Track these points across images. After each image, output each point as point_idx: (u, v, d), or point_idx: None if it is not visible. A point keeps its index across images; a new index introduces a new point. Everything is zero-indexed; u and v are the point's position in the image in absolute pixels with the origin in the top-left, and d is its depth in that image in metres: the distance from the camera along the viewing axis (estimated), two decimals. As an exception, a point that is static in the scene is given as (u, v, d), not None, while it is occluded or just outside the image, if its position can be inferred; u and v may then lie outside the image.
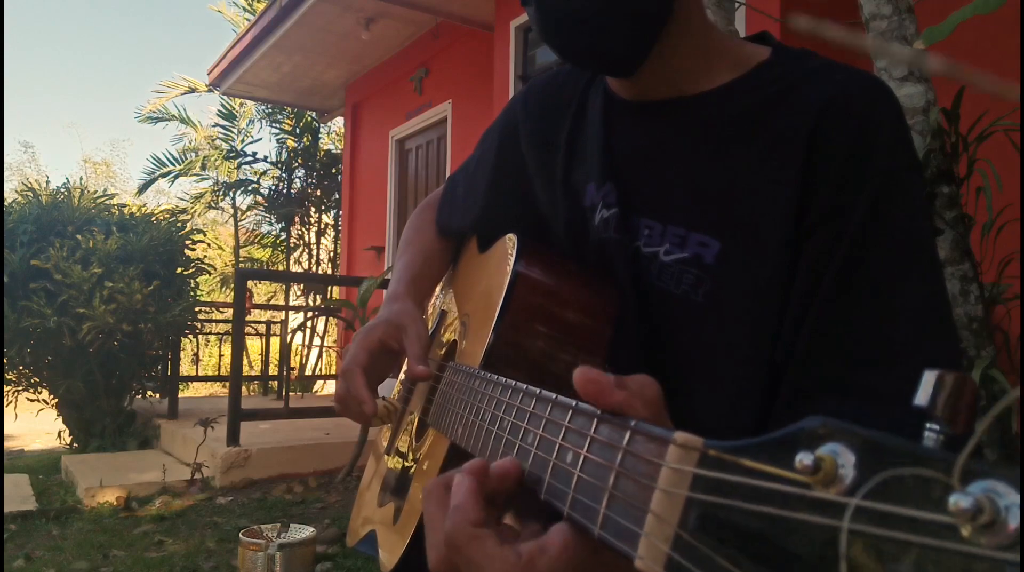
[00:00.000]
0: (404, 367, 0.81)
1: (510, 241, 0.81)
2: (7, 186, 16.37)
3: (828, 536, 0.26)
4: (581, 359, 0.73)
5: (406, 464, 0.91)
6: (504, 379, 0.58)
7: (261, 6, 8.33)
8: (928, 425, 0.27)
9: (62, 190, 5.70)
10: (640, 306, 0.74)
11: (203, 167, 9.74)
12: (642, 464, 0.36)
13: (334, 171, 9.41)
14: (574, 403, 0.45)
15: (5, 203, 5.46)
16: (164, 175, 9.81)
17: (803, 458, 0.27)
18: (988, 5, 1.00)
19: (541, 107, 0.91)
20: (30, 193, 5.57)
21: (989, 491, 0.22)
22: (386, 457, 1.02)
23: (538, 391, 0.51)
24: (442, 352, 0.95)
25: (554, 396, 0.48)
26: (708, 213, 0.72)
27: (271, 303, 10.45)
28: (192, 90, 9.48)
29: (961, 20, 1.03)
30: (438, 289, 1.10)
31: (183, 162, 9.75)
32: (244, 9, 9.53)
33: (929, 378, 0.26)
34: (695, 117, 0.76)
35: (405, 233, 1.08)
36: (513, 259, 0.76)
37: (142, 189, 10.07)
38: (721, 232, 0.71)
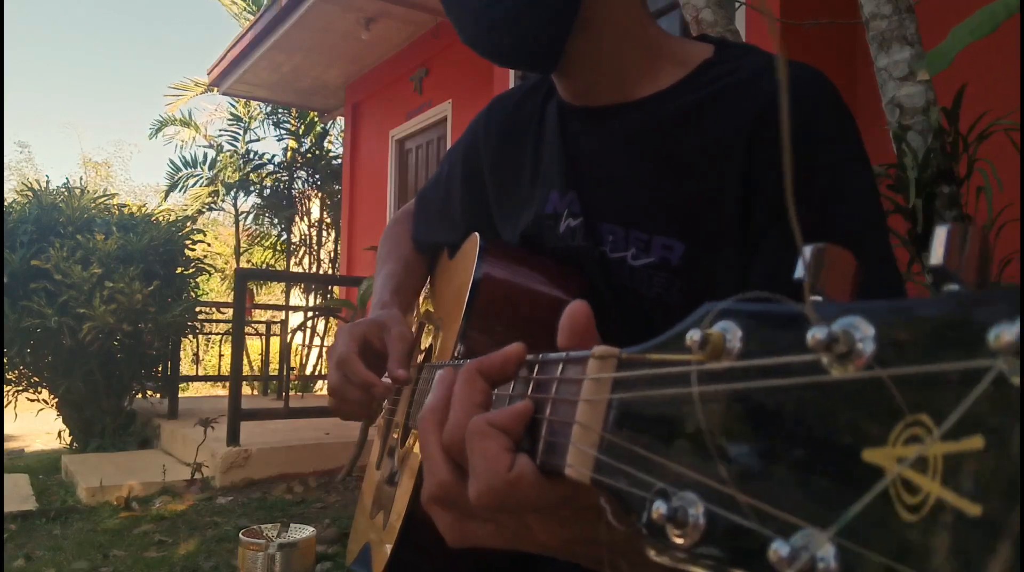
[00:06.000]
0: (386, 375, 0.82)
1: (475, 241, 0.82)
2: (6, 186, 16.37)
3: (721, 402, 0.27)
4: (551, 349, 0.74)
5: (392, 470, 0.92)
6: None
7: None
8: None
9: (62, 190, 5.70)
10: (618, 310, 0.75)
11: (211, 168, 9.71)
12: (572, 386, 0.38)
13: (339, 171, 9.39)
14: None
15: (5, 203, 5.46)
16: (182, 181, 9.74)
17: (692, 335, 0.28)
18: (984, 28, 0.99)
19: (500, 131, 0.92)
20: (30, 193, 5.57)
21: (848, 326, 0.23)
22: (376, 472, 1.02)
23: None
24: (421, 358, 0.96)
25: None
26: (668, 216, 0.73)
27: (271, 303, 10.43)
28: (211, 88, 9.42)
29: (960, 47, 1.01)
30: (418, 300, 1.11)
31: (195, 164, 9.72)
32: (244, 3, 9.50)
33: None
34: (645, 120, 0.77)
35: (382, 245, 1.09)
36: (477, 257, 0.78)
37: (167, 194, 10.02)
38: (684, 233, 0.72)
